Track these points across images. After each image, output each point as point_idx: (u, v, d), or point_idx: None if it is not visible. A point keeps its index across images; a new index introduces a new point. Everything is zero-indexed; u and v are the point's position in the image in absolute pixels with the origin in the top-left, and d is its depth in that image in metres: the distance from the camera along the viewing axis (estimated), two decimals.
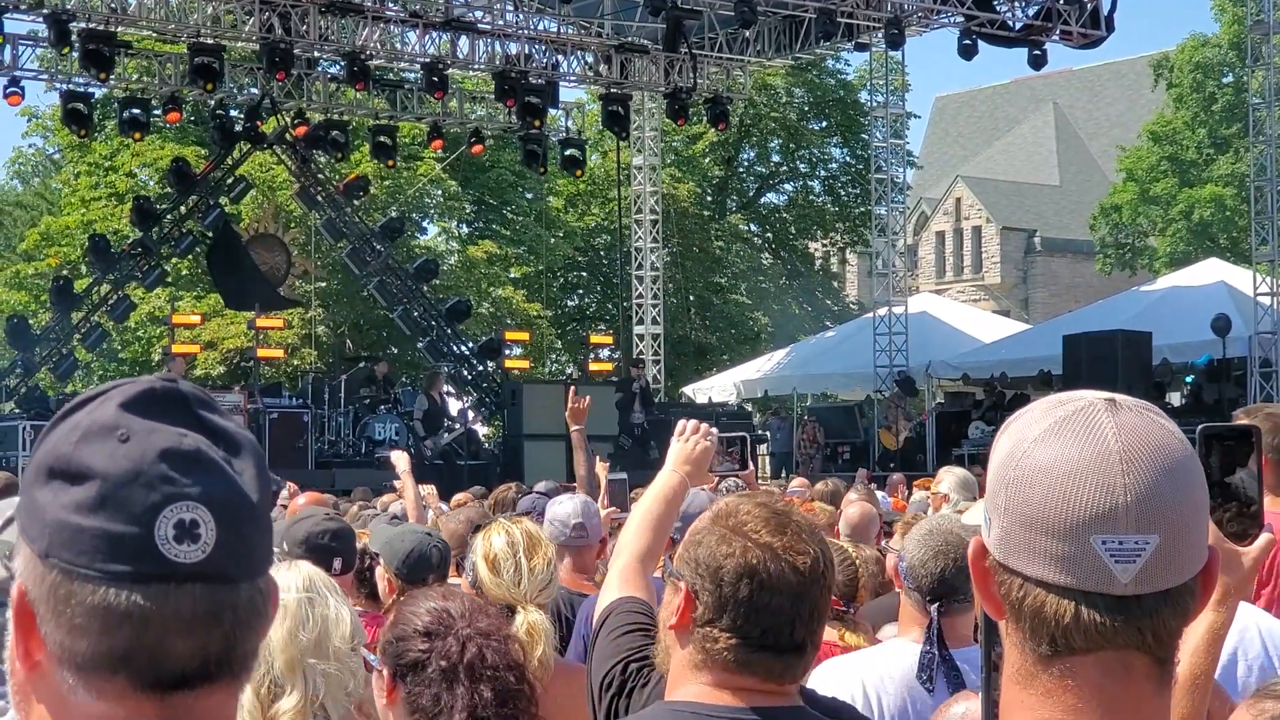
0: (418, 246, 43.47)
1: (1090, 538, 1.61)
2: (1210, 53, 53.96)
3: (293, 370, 37.66)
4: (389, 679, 3.44)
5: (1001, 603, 1.69)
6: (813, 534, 2.72)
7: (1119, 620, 1.62)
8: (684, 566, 2.70)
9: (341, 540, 5.61)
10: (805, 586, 2.65)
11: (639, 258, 36.24)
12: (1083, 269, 65.67)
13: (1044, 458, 1.64)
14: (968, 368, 33.20)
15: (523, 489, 10.65)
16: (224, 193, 32.03)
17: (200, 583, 1.45)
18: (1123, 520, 1.60)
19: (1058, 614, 1.63)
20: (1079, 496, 1.61)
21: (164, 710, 1.46)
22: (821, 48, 32.38)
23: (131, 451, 1.45)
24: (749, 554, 2.63)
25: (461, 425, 28.38)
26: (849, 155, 51.79)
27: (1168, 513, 1.62)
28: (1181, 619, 1.66)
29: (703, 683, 2.65)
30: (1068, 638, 1.63)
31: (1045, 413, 1.69)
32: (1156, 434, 1.65)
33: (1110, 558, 1.61)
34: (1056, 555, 1.62)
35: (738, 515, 2.70)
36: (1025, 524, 1.64)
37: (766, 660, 2.63)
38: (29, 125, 50.08)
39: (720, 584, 2.63)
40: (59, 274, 34.85)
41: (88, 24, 25.69)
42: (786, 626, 2.63)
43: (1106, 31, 29.22)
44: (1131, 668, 1.65)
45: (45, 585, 1.45)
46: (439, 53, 28.91)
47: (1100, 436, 1.64)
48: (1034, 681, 1.67)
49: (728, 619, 2.62)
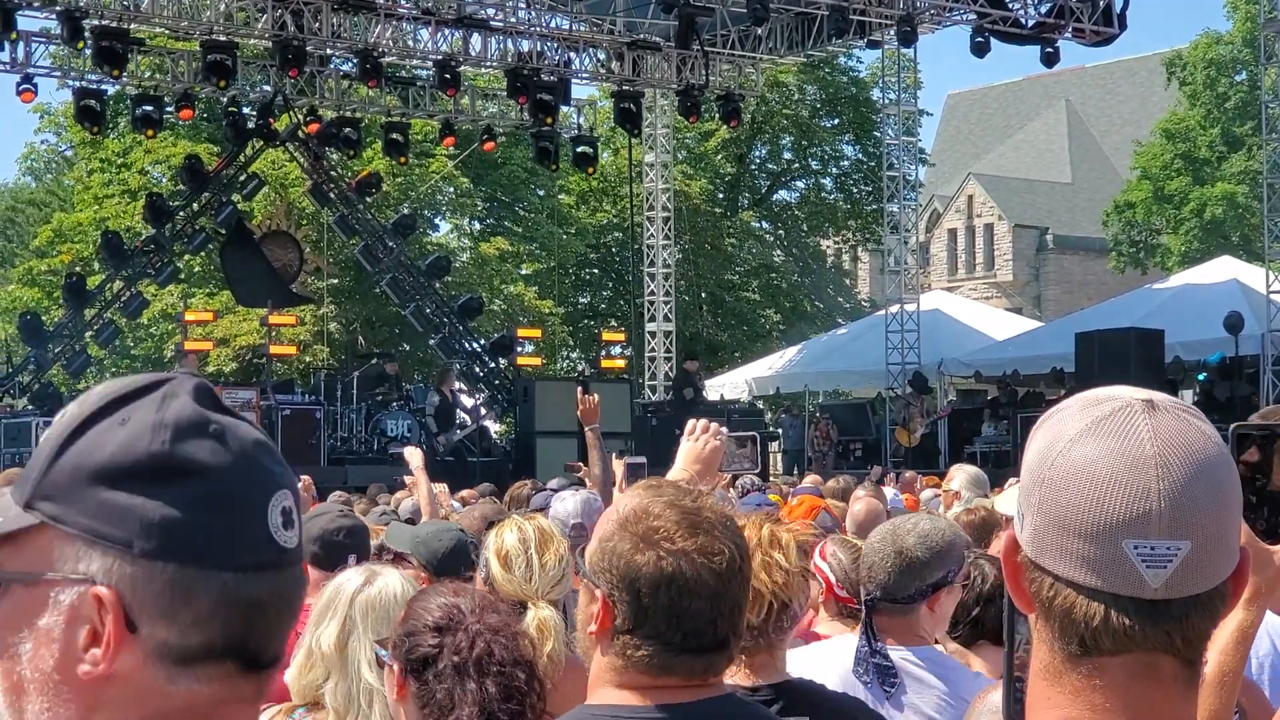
0: (430, 243, 43.52)
1: (1122, 542, 1.61)
2: (1223, 50, 53.87)
3: (305, 367, 37.71)
4: (399, 674, 3.45)
5: (1031, 599, 1.69)
6: (725, 529, 2.67)
7: (1148, 624, 1.63)
8: (599, 575, 2.64)
9: (355, 537, 5.63)
10: (724, 585, 2.60)
11: (651, 255, 36.23)
12: (1095, 266, 65.59)
13: (1079, 458, 1.64)
14: (980, 365, 33.16)
15: (537, 486, 10.67)
16: (237, 190, 32.07)
17: (295, 567, 1.53)
18: (1155, 526, 1.61)
19: (1087, 616, 1.64)
20: (1112, 500, 1.61)
21: (258, 690, 1.52)
22: (834, 45, 32.38)
23: (232, 445, 1.50)
24: (664, 562, 2.57)
25: (473, 422, 28.39)
26: (861, 152, 51.74)
27: (1200, 519, 1.62)
28: (1210, 622, 1.66)
29: (623, 685, 2.61)
30: (1096, 639, 1.64)
31: (1082, 411, 1.68)
32: (1193, 438, 1.65)
33: (1141, 562, 1.61)
34: (1088, 557, 1.63)
35: (649, 520, 2.63)
36: (1058, 524, 1.64)
37: (688, 662, 2.59)
38: (42, 122, 50.31)
39: (638, 594, 2.57)
40: (72, 271, 34.91)
41: (100, 21, 25.73)
42: (708, 628, 2.59)
43: (1119, 29, 29.18)
44: (1159, 670, 1.65)
45: (157, 584, 1.46)
46: (451, 50, 28.94)
47: (1136, 439, 1.63)
48: (1062, 679, 1.67)
49: (648, 627, 2.57)
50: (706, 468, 4.38)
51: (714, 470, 4.46)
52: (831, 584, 5.41)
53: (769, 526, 3.80)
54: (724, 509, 2.82)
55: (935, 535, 4.57)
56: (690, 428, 4.42)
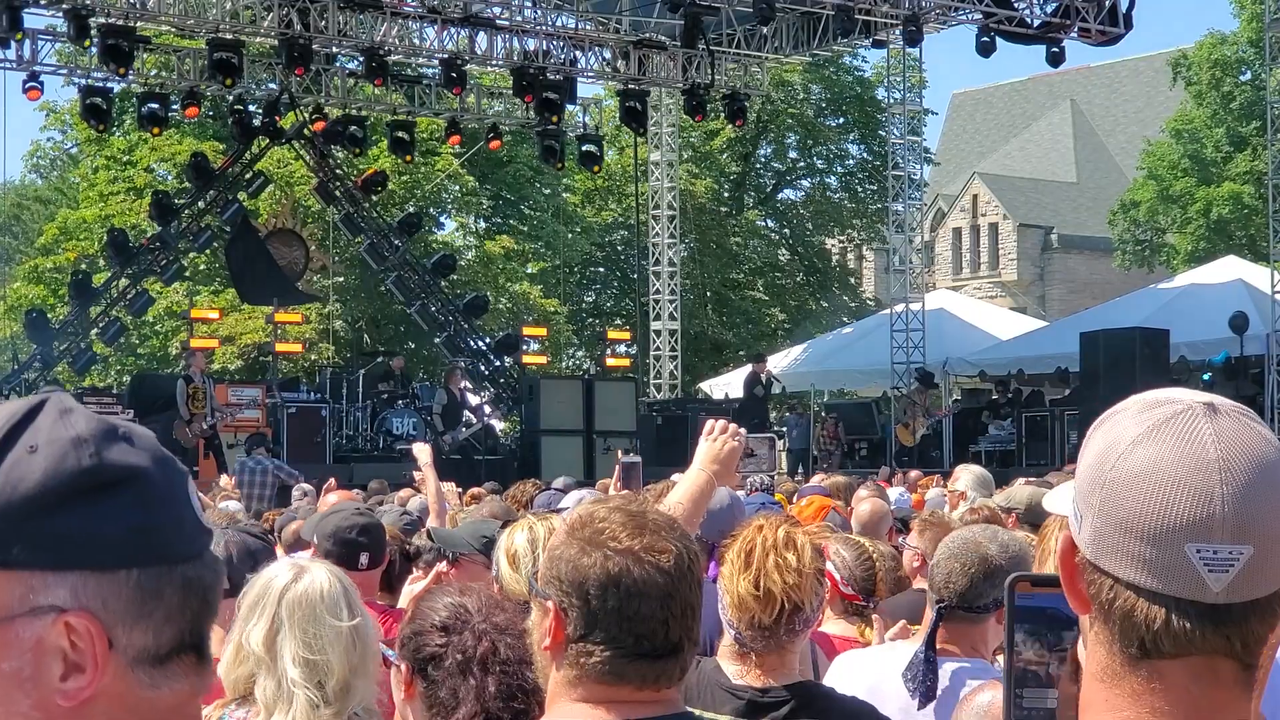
0: (435, 241, 43.50)
1: (1185, 545, 1.61)
2: (1229, 50, 53.79)
3: (310, 365, 37.72)
4: (407, 673, 3.47)
5: (1089, 600, 1.70)
6: (672, 529, 2.66)
7: (1209, 628, 1.63)
8: (549, 585, 2.62)
9: (370, 535, 5.65)
10: (673, 585, 2.58)
11: (656, 253, 36.24)
12: (1100, 266, 65.52)
13: (1141, 461, 1.64)
14: (984, 364, 33.16)
15: (540, 485, 10.67)
16: (242, 188, 32.09)
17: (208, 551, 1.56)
18: (1218, 530, 1.61)
19: (1148, 618, 1.64)
20: (1175, 504, 1.62)
21: (204, 682, 1.54)
22: (839, 44, 32.38)
23: (140, 444, 1.52)
24: (610, 562, 2.56)
25: (479, 420, 28.42)
26: (866, 152, 51.77)
27: (1263, 523, 1.62)
28: (1269, 627, 1.67)
29: (577, 699, 2.58)
30: (1157, 642, 1.64)
31: (1141, 414, 1.68)
32: (1255, 442, 1.65)
33: (1204, 566, 1.61)
34: (1149, 560, 1.63)
35: (593, 524, 2.62)
36: (1119, 527, 1.65)
37: (642, 668, 2.56)
38: (47, 120, 50.31)
39: (587, 598, 2.55)
40: (77, 268, 34.94)
41: (107, 19, 25.76)
42: (660, 629, 2.56)
43: (1125, 29, 29.18)
44: (1219, 674, 1.66)
45: (126, 594, 1.46)
46: (457, 48, 28.95)
47: (1199, 443, 1.63)
48: (1121, 682, 1.68)
49: (600, 632, 2.55)
50: (724, 468, 4.38)
51: (732, 471, 4.47)
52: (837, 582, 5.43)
53: (785, 528, 3.80)
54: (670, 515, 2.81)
55: (1013, 545, 4.57)
56: (709, 428, 4.42)
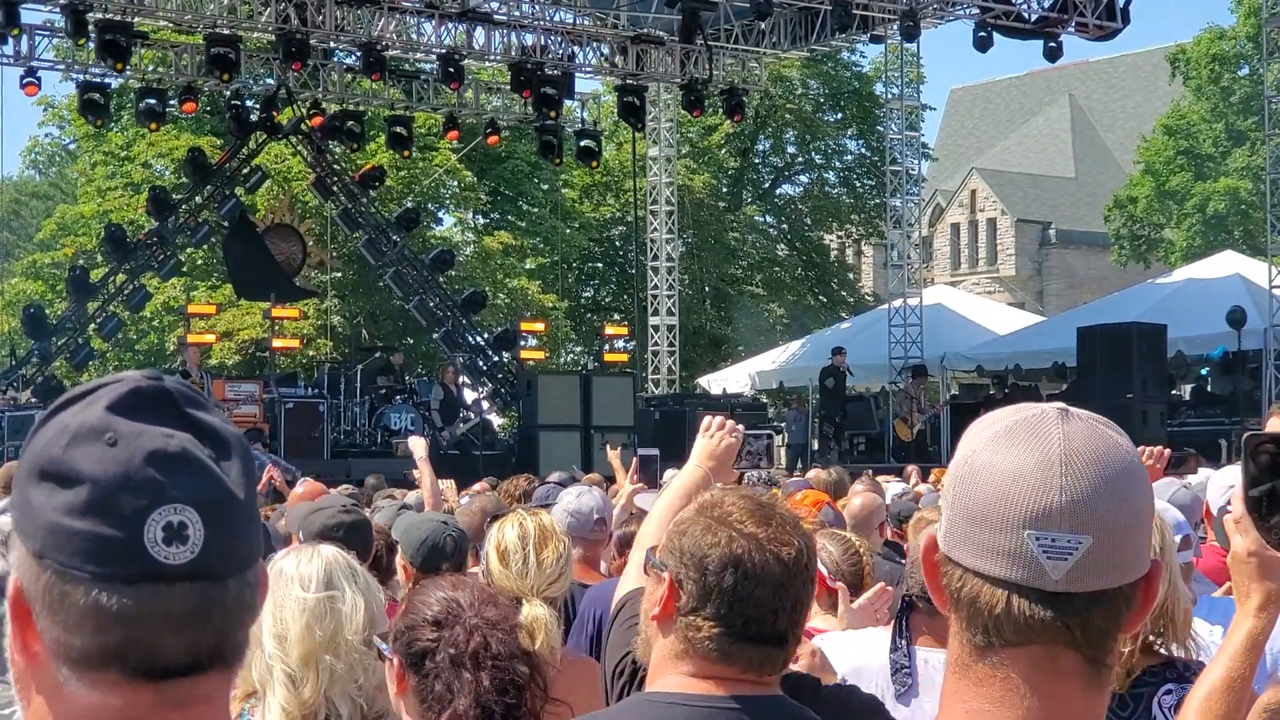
0: (433, 237, 43.49)
1: (1025, 533, 1.68)
2: (1226, 45, 53.82)
3: (308, 360, 37.70)
4: (399, 668, 3.46)
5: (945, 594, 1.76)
6: (796, 526, 2.73)
7: (1049, 614, 1.68)
8: (668, 556, 2.70)
9: (356, 533, 5.62)
10: (789, 578, 2.65)
11: (654, 249, 36.23)
12: (1098, 261, 65.55)
13: (992, 458, 1.72)
14: (982, 360, 33.16)
15: (533, 480, 10.65)
16: (240, 183, 32.09)
17: (190, 582, 1.48)
18: (1056, 518, 1.67)
19: (990, 603, 1.70)
20: (1018, 494, 1.69)
21: (159, 696, 1.50)
22: (837, 40, 32.38)
23: (119, 456, 1.48)
24: (734, 544, 2.64)
25: (477, 415, 28.41)
26: (864, 147, 51.74)
27: (1102, 517, 1.68)
28: (1114, 622, 1.72)
29: (683, 673, 2.65)
30: (999, 628, 1.70)
31: (1001, 418, 1.76)
32: (1102, 443, 1.72)
33: (1043, 553, 1.67)
34: (993, 548, 1.69)
35: (723, 506, 2.70)
36: (968, 518, 1.72)
37: (748, 651, 2.62)
38: (45, 115, 50.21)
39: (705, 573, 2.63)
40: (75, 264, 34.92)
41: (104, 14, 25.73)
42: (770, 617, 2.62)
43: (1122, 23, 29.16)
44: (1060, 663, 1.71)
45: (40, 584, 1.48)
46: (455, 43, 28.94)
47: (1046, 441, 1.70)
48: (968, 671, 1.74)
49: (711, 608, 2.62)
50: (721, 464, 4.38)
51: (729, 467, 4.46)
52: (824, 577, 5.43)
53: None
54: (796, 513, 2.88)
55: None
56: (706, 424, 4.42)
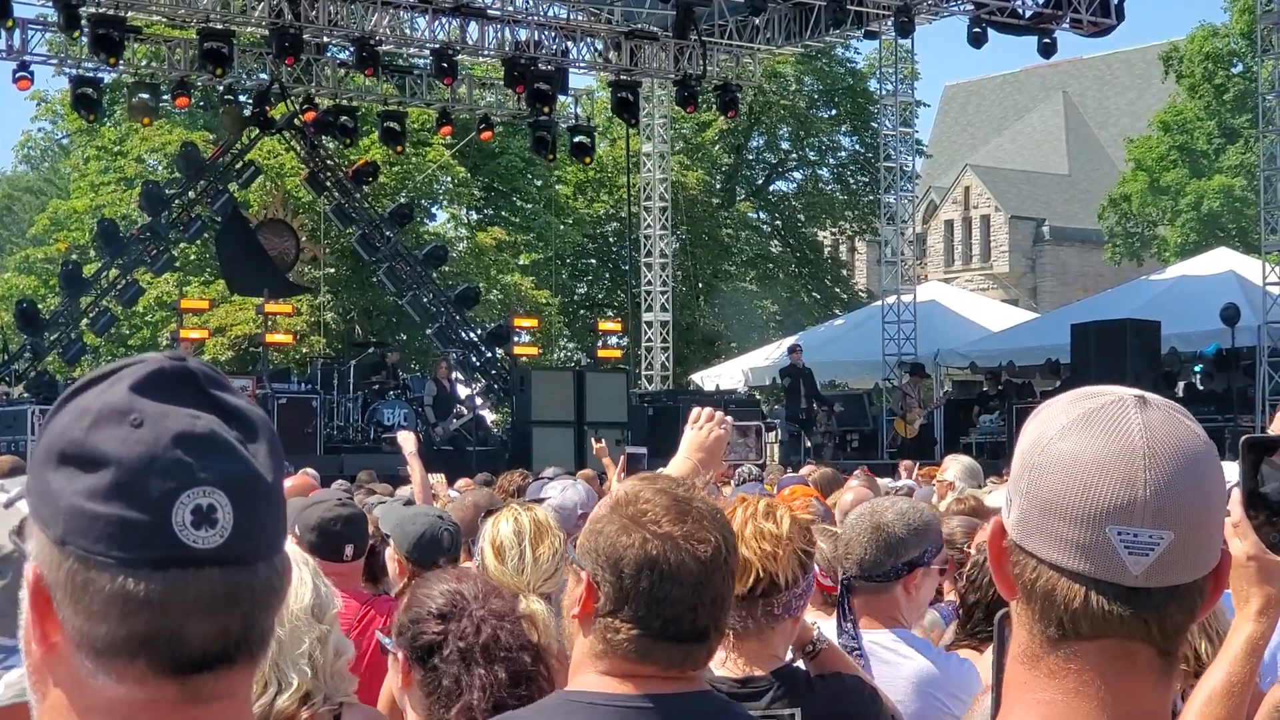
0: (427, 233, 43.49)
1: (1106, 528, 1.65)
2: (1220, 42, 53.83)
3: (302, 356, 37.68)
4: (405, 662, 3.44)
5: (1014, 583, 1.73)
6: (714, 520, 2.67)
7: (1127, 610, 1.66)
8: (585, 556, 2.65)
9: (353, 526, 5.61)
10: (707, 575, 2.60)
11: (648, 245, 36.20)
12: (1091, 258, 65.59)
13: (1069, 447, 1.68)
14: (976, 356, 33.17)
15: (527, 475, 10.64)
16: (233, 178, 32.04)
17: (218, 567, 1.44)
18: (1140, 514, 1.64)
19: (1067, 598, 1.67)
20: (1100, 486, 1.65)
21: (184, 691, 1.46)
22: (831, 35, 32.35)
23: (145, 437, 1.43)
24: (649, 545, 2.58)
25: (470, 411, 28.39)
26: (858, 143, 51.72)
27: (1185, 511, 1.65)
28: (1188, 615, 1.70)
29: (603, 671, 2.61)
30: (1075, 623, 1.67)
31: (1074, 403, 1.72)
32: (1182, 434, 1.69)
33: (1124, 549, 1.64)
34: (1072, 541, 1.66)
35: (637, 504, 2.64)
36: (1044, 509, 1.68)
37: (667, 650, 2.59)
38: (38, 110, 50.27)
39: (621, 576, 2.58)
40: (68, 259, 34.89)
41: (97, 8, 25.69)
42: (688, 615, 2.58)
43: (1116, 20, 29.17)
44: (1135, 657, 1.69)
45: (62, 571, 1.43)
46: (448, 38, 28.90)
47: (1126, 431, 1.67)
48: (1039, 662, 1.71)
49: (629, 610, 2.57)
50: (710, 456, 4.37)
51: (718, 459, 4.45)
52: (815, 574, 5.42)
53: (767, 501, 3.78)
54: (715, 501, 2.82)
55: (913, 514, 4.63)
56: (694, 416, 4.41)
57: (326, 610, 3.64)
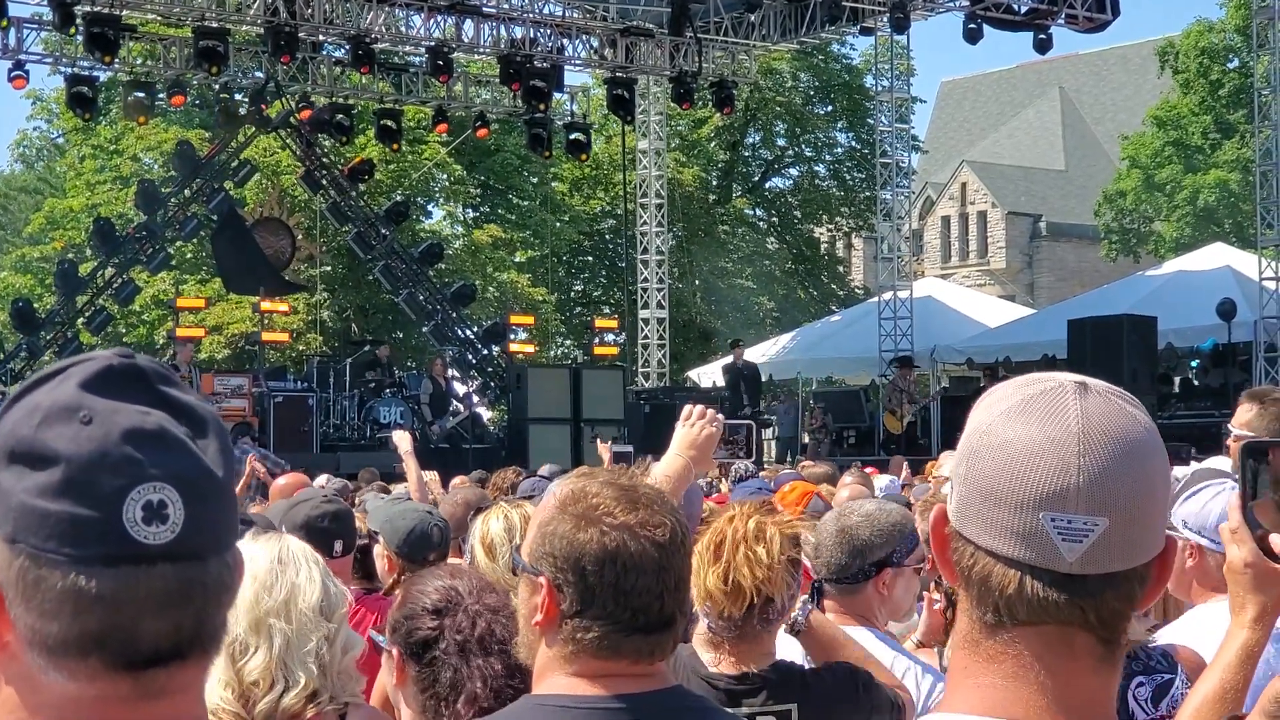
0: (423, 230, 43.47)
1: (1041, 514, 1.65)
2: (1215, 38, 53.82)
3: (298, 354, 37.67)
4: (399, 659, 3.42)
5: (955, 569, 1.73)
6: (663, 503, 2.66)
7: (1062, 597, 1.66)
8: (540, 561, 2.60)
9: (340, 522, 5.59)
10: (667, 559, 2.59)
11: (644, 242, 36.19)
12: (1088, 254, 65.58)
13: (1007, 433, 1.68)
14: (972, 352, 33.15)
15: (521, 473, 10.64)
16: (228, 176, 32.01)
17: (170, 562, 1.44)
18: (1073, 500, 1.64)
19: (1003, 584, 1.67)
20: (1034, 473, 1.65)
21: (137, 687, 1.46)
22: (827, 32, 32.32)
23: (94, 433, 1.43)
24: (607, 537, 2.56)
25: (466, 409, 28.38)
26: (854, 140, 51.71)
27: (1120, 498, 1.65)
28: (1127, 603, 1.70)
29: (570, 673, 2.58)
30: (1011, 608, 1.68)
31: (1017, 389, 1.72)
32: (1121, 420, 1.69)
33: (1058, 535, 1.65)
34: (1007, 527, 1.67)
35: (587, 499, 2.61)
36: (981, 495, 1.69)
37: (637, 641, 2.57)
38: (33, 108, 50.29)
39: (584, 574, 2.55)
40: (63, 257, 34.88)
41: (92, 7, 25.65)
42: (655, 603, 2.57)
43: (1112, 15, 29.15)
44: (1073, 643, 1.68)
45: (13, 569, 1.43)
46: (444, 36, 28.88)
47: (1064, 417, 1.67)
48: (979, 647, 1.71)
49: (598, 607, 2.55)
50: (701, 454, 4.38)
51: (709, 456, 4.46)
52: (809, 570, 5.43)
53: (755, 519, 3.75)
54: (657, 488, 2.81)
55: (880, 516, 4.66)
56: (686, 413, 4.42)
57: (335, 609, 3.62)
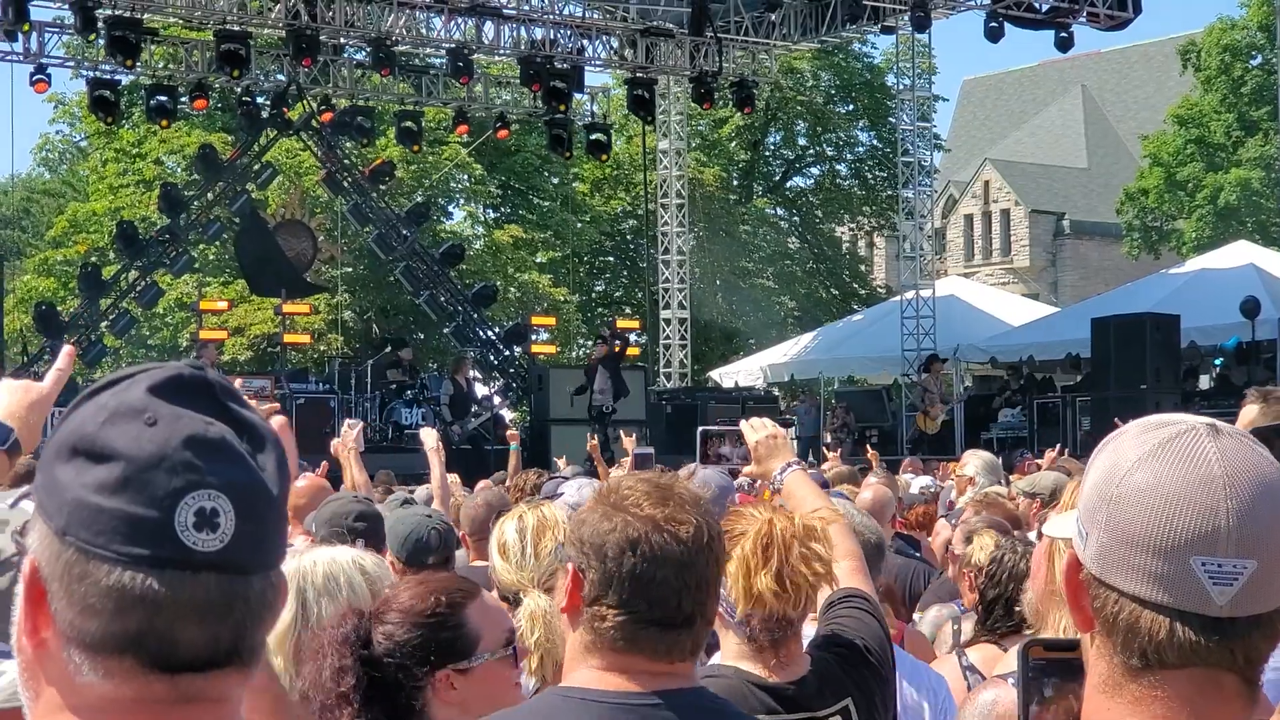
0: (444, 231, 43.52)
1: (1190, 559, 1.65)
2: (1238, 35, 53.62)
3: (319, 356, 37.74)
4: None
5: (1092, 616, 1.73)
6: (696, 504, 2.70)
7: (1213, 640, 1.66)
8: (570, 547, 2.70)
9: (367, 522, 5.62)
10: (690, 556, 2.62)
11: (665, 242, 36.18)
12: (1111, 252, 65.36)
13: (1147, 478, 1.68)
14: (996, 351, 33.08)
15: (542, 475, 10.61)
16: (251, 179, 32.08)
17: (215, 572, 1.44)
18: (1223, 544, 1.64)
19: (1152, 630, 1.67)
20: (1182, 518, 1.65)
21: (173, 690, 1.46)
22: (848, 31, 32.30)
23: (157, 435, 1.45)
24: (630, 527, 2.62)
25: (488, 410, 28.38)
26: (876, 138, 51.66)
27: (1267, 539, 1.65)
28: (1271, 642, 1.70)
29: (594, 666, 2.64)
30: (1160, 653, 1.67)
31: (1146, 433, 1.72)
32: (1258, 462, 1.69)
33: (1209, 580, 1.65)
34: (1155, 573, 1.66)
35: (619, 492, 2.69)
36: (1125, 541, 1.68)
37: (654, 636, 2.61)
38: (56, 112, 50.28)
39: (605, 559, 2.62)
40: (87, 261, 34.96)
41: (113, 11, 25.74)
42: (673, 598, 2.61)
43: (1134, 13, 29.08)
44: (1222, 686, 1.69)
45: (60, 563, 1.44)
46: (464, 38, 28.92)
47: (1204, 460, 1.67)
48: (1121, 691, 1.70)
49: (614, 595, 2.60)
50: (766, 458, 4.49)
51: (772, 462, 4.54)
52: None
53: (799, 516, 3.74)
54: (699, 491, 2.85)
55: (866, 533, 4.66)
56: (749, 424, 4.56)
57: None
